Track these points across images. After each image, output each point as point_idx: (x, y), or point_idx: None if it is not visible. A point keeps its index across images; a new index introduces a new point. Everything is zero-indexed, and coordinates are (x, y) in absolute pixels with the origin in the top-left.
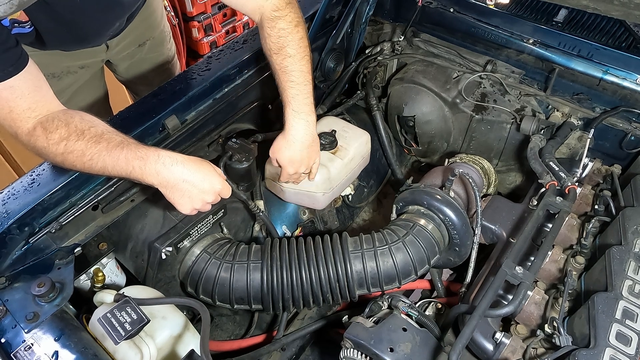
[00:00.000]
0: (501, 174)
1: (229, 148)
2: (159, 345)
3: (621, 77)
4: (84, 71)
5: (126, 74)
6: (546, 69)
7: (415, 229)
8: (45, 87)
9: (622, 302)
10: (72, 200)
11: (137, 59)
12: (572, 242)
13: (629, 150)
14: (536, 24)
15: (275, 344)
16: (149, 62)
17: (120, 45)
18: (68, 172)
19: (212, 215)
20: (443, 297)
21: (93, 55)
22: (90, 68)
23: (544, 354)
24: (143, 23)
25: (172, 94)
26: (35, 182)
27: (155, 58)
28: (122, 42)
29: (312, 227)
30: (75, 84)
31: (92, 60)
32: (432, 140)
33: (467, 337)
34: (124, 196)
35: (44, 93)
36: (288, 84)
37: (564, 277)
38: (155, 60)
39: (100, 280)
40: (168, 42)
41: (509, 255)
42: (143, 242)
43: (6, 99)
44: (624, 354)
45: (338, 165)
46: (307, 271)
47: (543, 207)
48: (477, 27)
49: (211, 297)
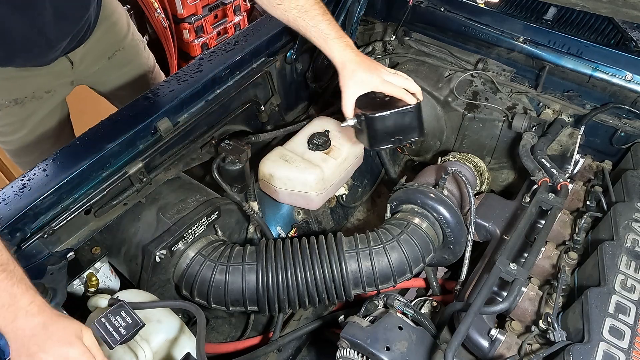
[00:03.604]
0: (494, 172)
1: (222, 150)
2: (154, 349)
3: (610, 74)
4: (50, 96)
5: (105, 88)
6: (536, 67)
7: (409, 227)
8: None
9: (614, 296)
10: (64, 204)
11: (112, 72)
12: (565, 238)
13: (619, 146)
14: (526, 22)
15: (271, 345)
16: (127, 75)
17: (86, 61)
18: (59, 176)
19: (206, 218)
20: (438, 295)
21: (59, 76)
22: (58, 93)
23: (538, 349)
24: (107, 34)
25: (163, 96)
26: (26, 187)
27: (133, 70)
28: (88, 56)
29: (307, 228)
30: (41, 110)
31: (59, 82)
32: (425, 139)
33: (463, 334)
34: (116, 199)
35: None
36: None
37: (557, 273)
38: (134, 72)
39: (93, 285)
40: (143, 50)
41: (503, 252)
42: (137, 246)
43: None
44: (618, 347)
45: (332, 165)
46: (302, 272)
47: (536, 204)
48: (468, 25)
49: (206, 299)
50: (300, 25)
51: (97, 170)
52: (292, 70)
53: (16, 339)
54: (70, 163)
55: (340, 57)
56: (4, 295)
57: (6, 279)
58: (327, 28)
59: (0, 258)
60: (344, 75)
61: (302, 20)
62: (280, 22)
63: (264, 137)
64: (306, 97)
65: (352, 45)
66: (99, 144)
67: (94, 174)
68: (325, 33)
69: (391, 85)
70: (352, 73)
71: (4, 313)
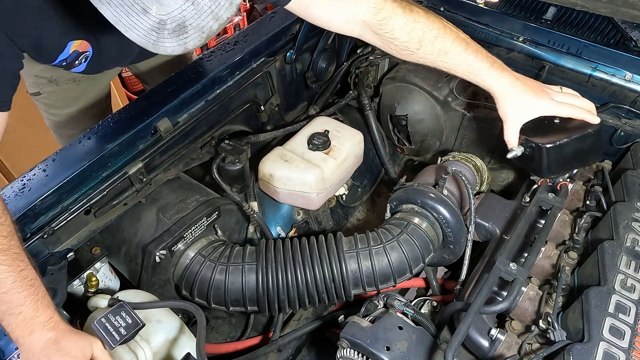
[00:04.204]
0: (494, 172)
1: (222, 150)
2: (154, 349)
3: (610, 74)
4: (102, 76)
5: (144, 68)
6: (536, 67)
7: (409, 227)
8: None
9: (614, 296)
10: (64, 204)
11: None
12: (565, 237)
13: (619, 145)
14: (526, 22)
15: (271, 345)
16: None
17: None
18: (59, 177)
19: (206, 218)
20: (438, 295)
21: None
22: (109, 74)
23: (538, 349)
24: None
25: (163, 96)
26: (26, 187)
27: None
28: None
29: (307, 228)
30: (92, 88)
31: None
32: (424, 138)
33: (463, 334)
34: (116, 200)
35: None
36: (459, 58)
37: (557, 272)
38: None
39: (93, 285)
40: None
41: (503, 252)
42: (137, 246)
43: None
44: (618, 347)
45: (331, 165)
46: (302, 272)
47: (535, 204)
48: (467, 25)
49: (206, 299)
50: (442, 67)
51: (97, 171)
52: (292, 70)
53: (28, 350)
54: (70, 163)
55: (499, 86)
56: (27, 310)
57: (32, 295)
58: (475, 62)
59: (30, 273)
60: (506, 104)
61: (444, 63)
62: (280, 22)
63: (263, 137)
64: (306, 97)
65: (506, 69)
66: (99, 144)
67: (93, 174)
68: (474, 68)
69: (565, 107)
70: (515, 101)
71: (23, 326)
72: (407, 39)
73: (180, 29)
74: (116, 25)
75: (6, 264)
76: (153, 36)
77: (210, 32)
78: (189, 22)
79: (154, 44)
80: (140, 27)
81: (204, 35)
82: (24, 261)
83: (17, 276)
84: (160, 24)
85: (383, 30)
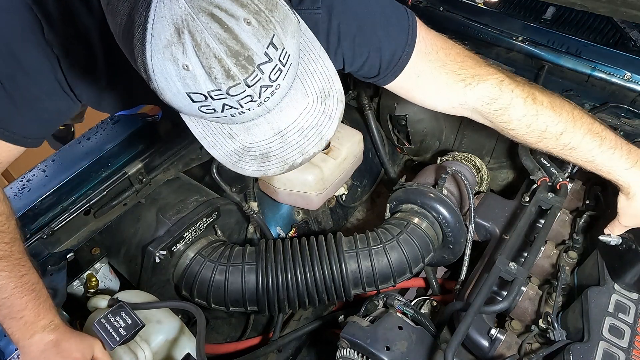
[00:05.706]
0: (493, 171)
1: None
2: (154, 350)
3: (609, 74)
4: None
5: None
6: (535, 66)
7: (409, 227)
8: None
9: (614, 295)
10: (64, 205)
11: None
12: (565, 237)
13: None
14: (525, 21)
15: (271, 345)
16: None
17: None
18: (59, 177)
19: (206, 218)
20: (438, 295)
21: None
22: None
23: (538, 348)
24: None
25: None
26: (25, 188)
27: None
28: None
29: (307, 228)
30: None
31: None
32: (424, 138)
33: (463, 334)
34: (116, 200)
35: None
36: (589, 154)
37: (557, 272)
38: None
39: (93, 286)
40: None
41: (503, 251)
42: (136, 246)
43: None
44: (617, 346)
45: (331, 165)
46: (302, 272)
47: (535, 204)
48: (466, 25)
49: (206, 300)
50: (569, 160)
51: (96, 171)
52: None
53: (29, 352)
54: (69, 164)
55: (636, 186)
56: (29, 314)
57: (35, 299)
58: (611, 160)
59: (32, 278)
60: (635, 205)
61: (571, 157)
62: None
63: None
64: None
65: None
66: (99, 145)
67: (93, 174)
68: (607, 167)
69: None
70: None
71: (25, 329)
72: (525, 132)
73: (264, 157)
74: (200, 141)
75: (7, 270)
76: (235, 158)
77: (293, 165)
78: (273, 153)
79: (234, 164)
80: (225, 148)
81: (286, 167)
82: (25, 266)
83: (19, 282)
84: (244, 149)
85: (498, 120)
